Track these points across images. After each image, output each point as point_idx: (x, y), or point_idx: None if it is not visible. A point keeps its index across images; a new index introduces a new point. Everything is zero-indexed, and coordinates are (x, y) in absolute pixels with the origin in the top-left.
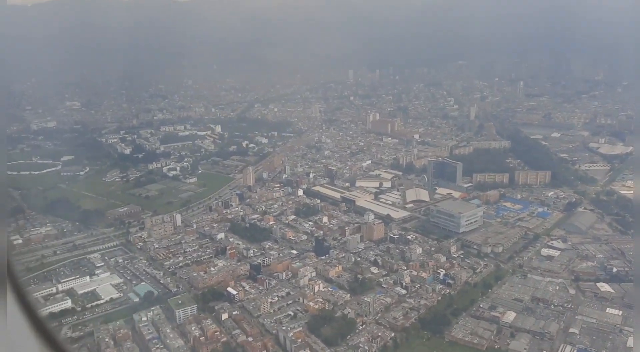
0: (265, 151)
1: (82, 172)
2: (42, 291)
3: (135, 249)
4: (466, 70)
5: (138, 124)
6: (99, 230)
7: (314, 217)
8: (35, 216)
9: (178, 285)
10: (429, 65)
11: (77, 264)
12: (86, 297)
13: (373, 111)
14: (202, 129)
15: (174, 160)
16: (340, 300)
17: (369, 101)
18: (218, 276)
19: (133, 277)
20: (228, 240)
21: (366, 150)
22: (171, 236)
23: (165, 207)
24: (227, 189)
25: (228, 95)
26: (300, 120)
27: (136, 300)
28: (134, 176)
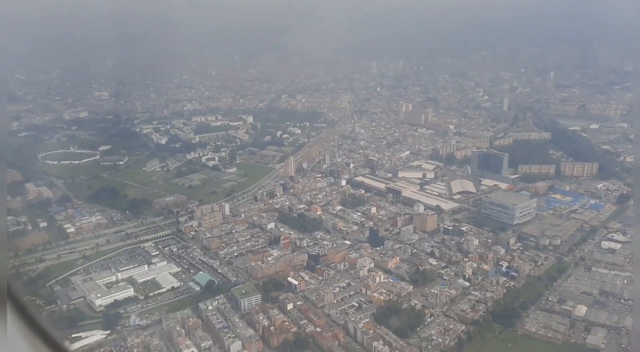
0: (300, 141)
1: (121, 162)
2: (102, 279)
3: (187, 238)
4: (490, 61)
5: (169, 114)
6: (148, 219)
7: (361, 208)
8: (83, 205)
9: (237, 274)
10: (451, 56)
11: (132, 252)
12: (146, 285)
13: (404, 102)
14: (233, 120)
15: (211, 150)
16: (403, 291)
17: (396, 92)
18: (276, 265)
19: (190, 266)
20: (278, 230)
21: (402, 141)
22: (221, 225)
23: (209, 196)
24: (268, 179)
25: (253, 86)
26: (330, 111)
27: (197, 289)
28: (173, 166)
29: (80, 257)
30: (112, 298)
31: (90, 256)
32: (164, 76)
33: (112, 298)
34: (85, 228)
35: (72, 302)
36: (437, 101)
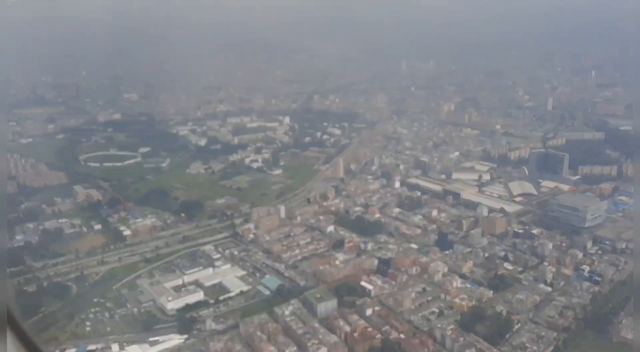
0: (342, 142)
1: (164, 164)
2: (169, 282)
3: (246, 241)
4: (524, 60)
5: (203, 116)
6: (203, 221)
7: (420, 211)
8: (134, 207)
9: (306, 278)
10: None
11: (192, 255)
12: (214, 289)
13: (445, 102)
14: (269, 121)
15: (252, 152)
16: (484, 297)
17: (431, 92)
18: (345, 269)
19: (254, 270)
20: (339, 233)
21: (449, 142)
22: (278, 228)
23: (260, 198)
24: (316, 181)
25: (283, 87)
26: (367, 111)
27: (267, 293)
28: (217, 168)
29: (141, 259)
30: (183, 302)
31: (152, 258)
32: (190, 77)
33: (184, 302)
34: (141, 230)
35: (143, 306)
36: (476, 101)
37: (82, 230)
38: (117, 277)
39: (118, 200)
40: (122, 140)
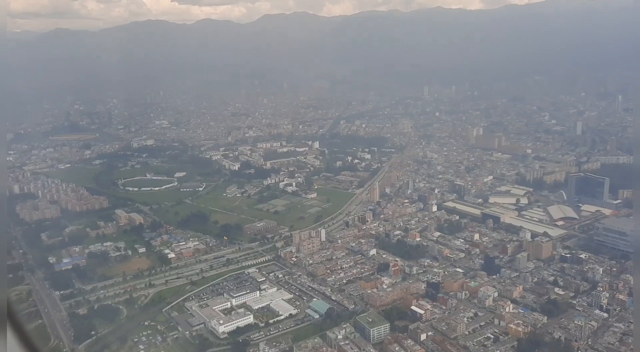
0: (374, 166)
1: (200, 188)
2: (218, 305)
3: (289, 264)
4: (546, 85)
5: (233, 141)
6: (244, 245)
7: (461, 234)
8: (175, 230)
9: (354, 302)
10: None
11: (237, 278)
12: (263, 312)
13: (473, 127)
14: (299, 146)
15: (285, 176)
16: (538, 323)
17: (456, 117)
18: (393, 293)
19: (301, 293)
20: (382, 256)
21: (481, 166)
22: (319, 251)
23: (298, 222)
24: (352, 205)
25: (308, 113)
26: (394, 136)
27: (316, 317)
28: (253, 192)
29: (187, 282)
30: (234, 325)
31: (198, 281)
32: (217, 104)
33: (234, 325)
34: (185, 254)
35: (194, 329)
36: (503, 125)
37: (127, 253)
38: (165, 300)
39: (159, 223)
40: (158, 166)
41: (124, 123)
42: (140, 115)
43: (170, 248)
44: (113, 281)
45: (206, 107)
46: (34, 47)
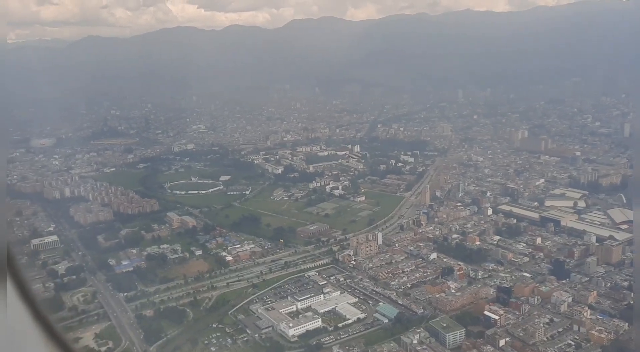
0: (419, 170)
1: (247, 192)
2: (284, 308)
3: (348, 267)
4: (585, 87)
5: (272, 145)
6: (300, 248)
7: (521, 238)
8: (228, 233)
9: (423, 306)
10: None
11: (298, 281)
12: (329, 316)
13: (517, 129)
14: (339, 149)
15: (329, 179)
16: (620, 329)
17: (495, 120)
18: (463, 298)
19: (366, 297)
20: (442, 260)
21: (530, 169)
22: (377, 254)
23: (351, 225)
24: (403, 208)
25: (342, 117)
26: (434, 139)
27: (386, 321)
28: (299, 195)
29: (249, 285)
30: (303, 328)
31: (259, 284)
32: (251, 109)
33: (304, 328)
34: (242, 256)
35: (263, 332)
36: (545, 128)
37: (185, 256)
38: (229, 303)
39: (212, 226)
40: (201, 169)
41: (161, 128)
42: (176, 120)
43: (226, 251)
44: (175, 283)
45: (240, 111)
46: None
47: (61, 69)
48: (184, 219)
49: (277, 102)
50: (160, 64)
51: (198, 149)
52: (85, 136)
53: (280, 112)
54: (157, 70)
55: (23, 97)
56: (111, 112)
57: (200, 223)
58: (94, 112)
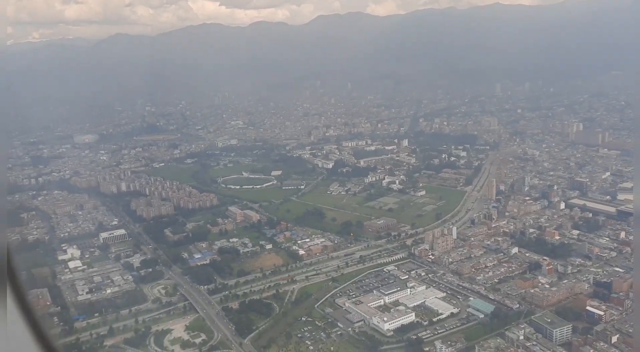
0: (475, 164)
1: (302, 186)
2: (372, 302)
3: (426, 262)
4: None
5: (316, 140)
6: (371, 242)
7: (602, 232)
8: (293, 227)
9: (518, 302)
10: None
11: (378, 276)
12: (419, 310)
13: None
14: (386, 144)
15: (383, 173)
16: None
17: (540, 113)
18: (559, 293)
19: (453, 292)
20: (524, 255)
21: (591, 162)
22: (454, 249)
23: (418, 220)
24: (467, 202)
25: (381, 112)
26: (482, 134)
27: (481, 316)
28: (357, 189)
29: (328, 279)
30: (398, 322)
31: (338, 278)
32: (285, 105)
33: (399, 322)
34: (314, 250)
35: (355, 326)
36: (596, 122)
37: (256, 249)
38: (312, 296)
39: (276, 221)
40: (250, 165)
41: (199, 124)
42: (213, 116)
43: (297, 245)
44: (253, 277)
45: (274, 107)
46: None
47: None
48: (246, 213)
49: (310, 98)
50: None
51: (242, 145)
52: (125, 132)
53: (316, 107)
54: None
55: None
56: (146, 109)
57: (264, 217)
58: (129, 108)
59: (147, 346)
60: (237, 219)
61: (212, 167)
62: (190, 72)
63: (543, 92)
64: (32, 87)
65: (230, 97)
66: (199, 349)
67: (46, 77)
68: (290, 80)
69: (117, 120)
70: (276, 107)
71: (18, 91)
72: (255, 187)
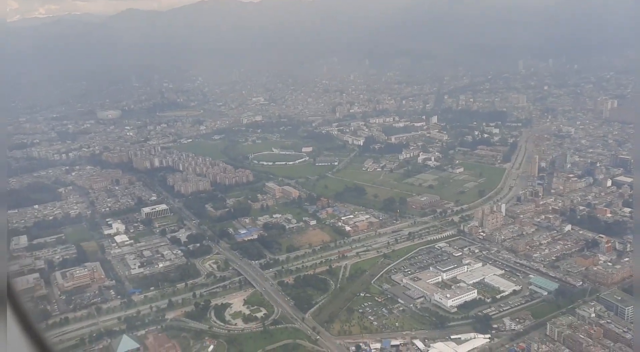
0: (510, 141)
1: (336, 163)
2: (430, 278)
3: (477, 239)
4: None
5: (342, 117)
6: (417, 219)
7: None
8: (334, 203)
9: (581, 280)
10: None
11: (430, 252)
12: (479, 287)
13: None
14: (414, 120)
15: (416, 150)
16: None
17: (568, 90)
18: (623, 271)
19: (511, 269)
20: (578, 232)
21: (630, 139)
22: (504, 226)
23: (461, 197)
24: (509, 179)
25: (403, 89)
26: (512, 110)
27: (545, 293)
28: (391, 166)
29: (379, 255)
30: (461, 299)
31: (390, 254)
32: (304, 81)
33: (462, 299)
34: (360, 227)
35: (417, 302)
36: (627, 99)
37: (300, 225)
38: (366, 272)
39: (315, 197)
40: (277, 141)
41: (220, 100)
42: (232, 92)
43: (342, 221)
44: (303, 252)
45: (293, 84)
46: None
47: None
48: (285, 189)
49: (329, 74)
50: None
51: (266, 121)
52: (147, 108)
53: (336, 84)
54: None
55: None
56: (164, 85)
57: (303, 193)
58: (147, 84)
59: (209, 320)
60: (276, 195)
61: (240, 144)
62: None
63: (567, 68)
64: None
65: (247, 73)
66: (261, 323)
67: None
68: (307, 56)
69: (137, 96)
70: (295, 83)
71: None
72: (287, 164)
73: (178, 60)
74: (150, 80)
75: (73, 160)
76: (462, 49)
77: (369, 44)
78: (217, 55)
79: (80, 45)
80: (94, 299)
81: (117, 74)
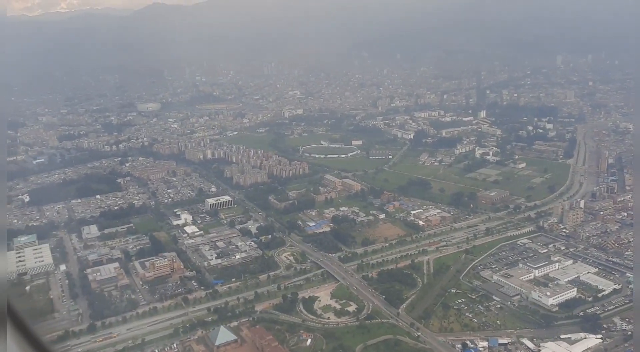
0: (567, 136)
1: (390, 156)
2: (521, 275)
3: (559, 235)
4: None
5: (385, 110)
6: (491, 214)
7: None
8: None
9: None
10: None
11: (513, 249)
12: (575, 285)
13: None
14: (462, 115)
15: (470, 144)
16: None
17: (615, 86)
18: None
19: (605, 267)
20: None
21: None
22: (584, 223)
23: (531, 192)
24: (576, 175)
25: (440, 83)
26: (561, 106)
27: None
28: (450, 160)
29: (460, 251)
30: (562, 298)
31: (471, 250)
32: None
33: (562, 298)
34: (433, 221)
35: (513, 299)
36: None
37: (370, 219)
38: (451, 268)
39: (379, 190)
40: (324, 134)
41: (256, 93)
42: (267, 86)
43: (413, 215)
44: (380, 246)
45: (326, 78)
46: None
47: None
48: (345, 182)
49: (361, 69)
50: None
51: (308, 114)
52: (185, 101)
53: (370, 78)
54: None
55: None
56: (197, 78)
57: (365, 187)
58: (180, 78)
59: (299, 313)
60: (336, 187)
61: (287, 136)
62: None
63: (607, 64)
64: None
65: (278, 67)
66: (355, 317)
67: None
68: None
69: (172, 90)
70: (328, 77)
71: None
72: (340, 156)
73: (207, 54)
74: (183, 74)
75: (124, 151)
76: (495, 44)
77: (399, 39)
78: (245, 48)
79: (107, 40)
80: (177, 289)
81: (149, 68)
